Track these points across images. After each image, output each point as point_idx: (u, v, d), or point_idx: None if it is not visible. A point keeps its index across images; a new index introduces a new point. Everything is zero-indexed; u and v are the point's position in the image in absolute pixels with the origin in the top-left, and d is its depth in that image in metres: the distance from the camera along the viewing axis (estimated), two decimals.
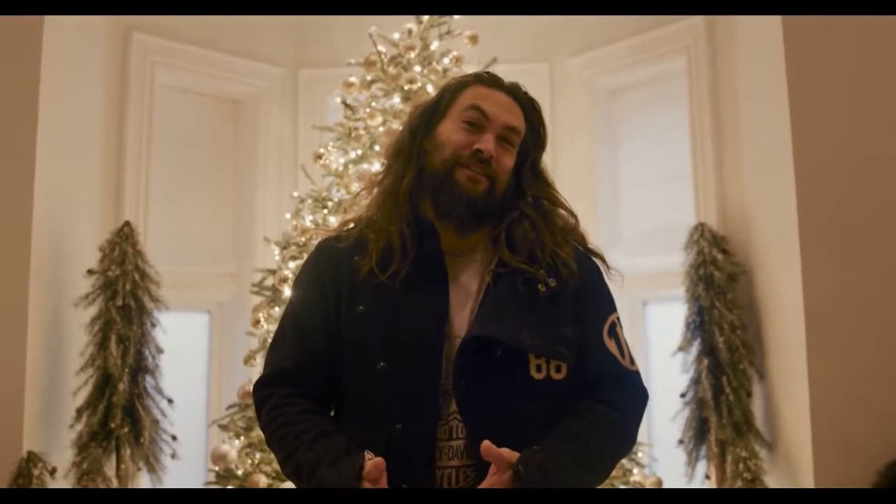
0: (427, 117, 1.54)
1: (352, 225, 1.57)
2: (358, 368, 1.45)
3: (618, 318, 1.54)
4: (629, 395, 1.50)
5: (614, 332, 1.51)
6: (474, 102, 1.50)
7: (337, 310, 1.48)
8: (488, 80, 1.55)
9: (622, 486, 3.20)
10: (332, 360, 1.48)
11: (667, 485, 3.42)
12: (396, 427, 1.38)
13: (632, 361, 1.52)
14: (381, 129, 3.43)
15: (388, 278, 1.43)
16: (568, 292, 1.47)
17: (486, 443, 1.28)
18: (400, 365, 1.41)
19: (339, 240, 1.54)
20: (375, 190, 1.58)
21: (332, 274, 1.50)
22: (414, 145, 1.52)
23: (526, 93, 1.57)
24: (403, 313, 1.42)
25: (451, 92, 1.54)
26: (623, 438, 1.48)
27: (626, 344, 1.54)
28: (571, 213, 1.57)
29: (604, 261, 1.58)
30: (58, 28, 3.48)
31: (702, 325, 3.61)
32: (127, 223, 3.64)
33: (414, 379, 1.40)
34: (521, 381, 1.41)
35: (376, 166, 3.28)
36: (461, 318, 1.43)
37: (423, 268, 1.45)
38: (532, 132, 1.56)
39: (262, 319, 3.32)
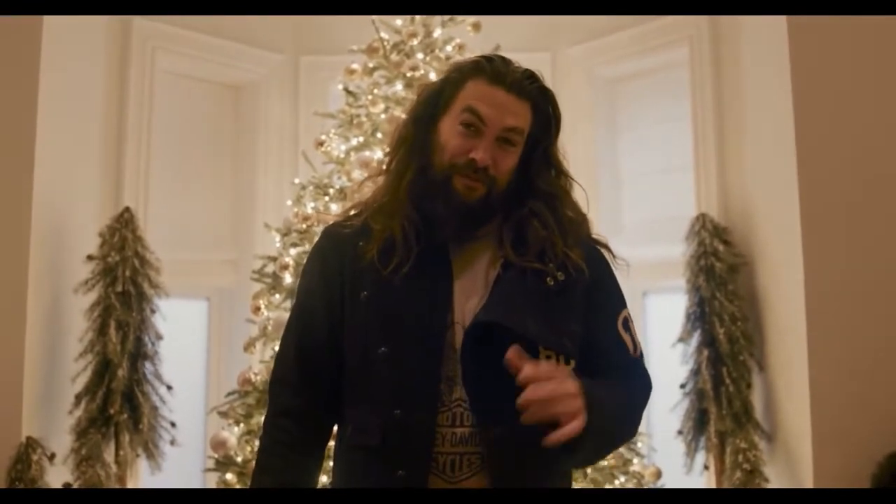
0: (430, 109, 1.51)
1: (355, 212, 1.57)
2: (359, 354, 1.45)
3: (629, 314, 1.54)
4: (641, 383, 1.51)
5: (628, 326, 1.52)
6: (471, 104, 1.44)
7: (341, 295, 1.48)
8: (490, 74, 1.46)
9: (622, 476, 3.20)
10: (335, 352, 1.48)
11: (666, 475, 3.41)
12: (395, 412, 1.39)
13: (642, 355, 1.53)
14: (383, 116, 3.42)
15: (390, 272, 1.42)
16: (577, 289, 1.46)
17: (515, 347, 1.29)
18: (401, 351, 1.41)
19: (344, 226, 1.54)
20: (381, 178, 1.57)
21: (336, 259, 1.50)
22: (417, 137, 1.50)
23: (534, 82, 1.51)
24: (406, 300, 1.42)
25: (452, 86, 1.49)
26: (634, 419, 1.48)
27: (638, 339, 1.54)
28: (581, 213, 1.54)
29: (609, 250, 1.57)
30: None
31: (702, 315, 3.61)
32: (127, 209, 3.63)
33: (414, 365, 1.40)
34: None
35: (378, 154, 3.27)
36: (468, 308, 1.42)
37: (428, 257, 1.45)
38: (543, 120, 1.52)
39: (262, 307, 3.31)
